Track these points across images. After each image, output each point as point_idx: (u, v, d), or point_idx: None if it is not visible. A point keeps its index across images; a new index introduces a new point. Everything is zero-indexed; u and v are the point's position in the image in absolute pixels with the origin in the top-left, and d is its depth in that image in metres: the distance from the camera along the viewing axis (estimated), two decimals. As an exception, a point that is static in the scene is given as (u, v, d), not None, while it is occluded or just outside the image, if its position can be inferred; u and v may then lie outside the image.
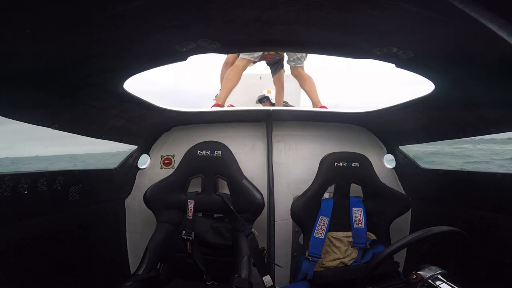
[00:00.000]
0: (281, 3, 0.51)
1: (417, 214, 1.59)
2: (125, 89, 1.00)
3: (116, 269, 1.54)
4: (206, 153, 1.47)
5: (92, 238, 1.37)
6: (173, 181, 1.47)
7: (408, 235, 0.87)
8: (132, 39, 0.64)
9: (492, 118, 1.04)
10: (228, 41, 0.66)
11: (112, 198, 1.56)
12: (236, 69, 1.97)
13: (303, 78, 2.04)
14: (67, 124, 1.10)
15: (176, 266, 1.39)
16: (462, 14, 0.40)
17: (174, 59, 0.80)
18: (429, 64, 0.77)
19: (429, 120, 1.29)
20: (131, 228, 1.65)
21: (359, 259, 1.39)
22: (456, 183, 1.37)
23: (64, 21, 0.53)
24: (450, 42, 0.62)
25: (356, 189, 1.53)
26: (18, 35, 0.55)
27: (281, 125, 1.69)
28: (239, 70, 1.96)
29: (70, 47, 0.64)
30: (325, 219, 1.42)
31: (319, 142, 1.73)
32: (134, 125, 1.41)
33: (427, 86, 0.95)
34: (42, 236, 1.08)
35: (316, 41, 0.69)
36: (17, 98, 0.85)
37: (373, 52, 0.68)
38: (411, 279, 0.80)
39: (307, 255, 1.36)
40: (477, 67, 0.73)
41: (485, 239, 1.16)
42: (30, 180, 1.00)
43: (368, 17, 0.54)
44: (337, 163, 1.49)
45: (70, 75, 0.81)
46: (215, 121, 1.70)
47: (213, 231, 1.40)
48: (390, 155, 1.73)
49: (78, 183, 1.25)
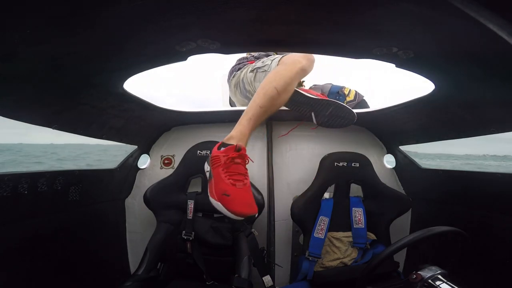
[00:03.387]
0: (281, 3, 0.51)
1: (417, 214, 1.59)
2: (125, 89, 1.00)
3: (116, 269, 1.54)
4: (206, 153, 1.47)
5: (92, 238, 1.37)
6: (173, 181, 1.47)
7: (408, 235, 0.87)
8: (132, 39, 0.64)
9: (492, 118, 1.04)
10: (228, 41, 0.66)
11: (112, 198, 1.56)
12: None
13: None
14: (67, 124, 1.10)
15: (176, 266, 1.39)
16: (462, 14, 0.40)
17: (174, 59, 0.80)
18: (429, 64, 0.77)
19: (429, 120, 1.29)
20: (131, 228, 1.66)
21: (359, 259, 1.40)
22: (456, 183, 1.37)
23: (64, 21, 0.53)
24: (450, 42, 0.62)
25: (356, 189, 1.53)
26: (18, 35, 0.55)
27: (281, 125, 1.69)
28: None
29: (70, 47, 0.64)
30: (325, 219, 1.42)
31: (319, 142, 1.73)
32: (134, 125, 1.41)
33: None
34: (42, 236, 1.08)
35: (316, 41, 0.69)
36: (17, 98, 0.85)
37: (373, 52, 0.68)
38: (411, 279, 0.80)
39: (307, 255, 1.36)
40: (477, 67, 0.73)
41: (485, 239, 1.16)
42: (30, 180, 1.00)
43: (368, 17, 0.54)
44: (337, 163, 1.49)
45: (70, 75, 0.81)
46: (215, 121, 1.70)
47: (213, 231, 1.40)
48: (390, 155, 1.74)
49: (78, 183, 1.25)
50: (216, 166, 0.87)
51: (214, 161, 0.88)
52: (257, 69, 1.35)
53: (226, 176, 0.84)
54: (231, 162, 0.85)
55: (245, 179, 0.87)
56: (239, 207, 0.82)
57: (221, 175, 0.84)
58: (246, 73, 1.42)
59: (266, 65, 1.31)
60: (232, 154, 0.85)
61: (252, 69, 1.40)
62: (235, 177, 0.84)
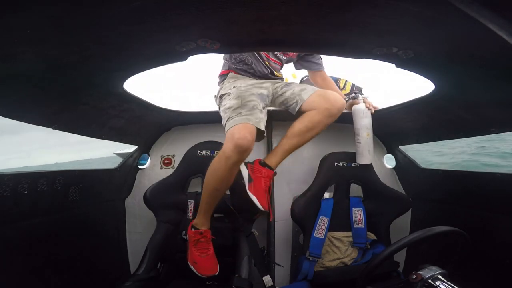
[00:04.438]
0: (281, 3, 0.51)
1: (417, 214, 1.59)
2: (125, 89, 1.00)
3: (116, 269, 1.54)
4: (206, 153, 1.47)
5: (92, 238, 1.37)
6: (173, 181, 1.47)
7: (408, 235, 0.87)
8: (132, 39, 0.64)
9: (492, 118, 1.04)
10: (228, 41, 0.66)
11: (112, 198, 1.56)
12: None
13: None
14: (67, 124, 1.10)
15: (176, 266, 1.39)
16: (462, 14, 0.40)
17: (174, 59, 0.80)
18: (429, 64, 0.77)
19: (429, 120, 1.29)
20: (131, 228, 1.65)
21: (359, 259, 1.40)
22: (456, 183, 1.37)
23: (64, 21, 0.53)
24: (450, 42, 0.62)
25: (356, 189, 1.53)
26: (18, 35, 0.55)
27: (281, 125, 1.68)
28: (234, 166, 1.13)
29: (70, 47, 0.64)
30: (325, 219, 1.42)
31: (319, 142, 1.73)
32: (134, 125, 1.41)
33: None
34: (42, 236, 1.08)
35: (316, 41, 0.69)
36: (17, 98, 0.85)
37: (373, 52, 0.68)
38: (411, 279, 0.80)
39: (307, 255, 1.36)
40: (477, 67, 0.73)
41: (485, 239, 1.15)
42: (30, 180, 1.00)
43: (368, 17, 0.54)
44: (337, 163, 1.49)
45: (70, 75, 0.81)
46: (215, 121, 1.70)
47: (213, 231, 1.40)
48: (390, 155, 1.73)
49: (78, 183, 1.25)
50: (189, 242, 1.25)
51: (189, 239, 1.26)
52: (220, 96, 1.33)
53: (194, 249, 1.23)
54: (198, 241, 1.23)
55: (208, 251, 1.24)
56: (204, 271, 1.20)
57: (192, 249, 1.24)
58: (217, 96, 1.39)
59: (227, 93, 1.29)
60: (197, 237, 1.23)
61: (215, 95, 1.40)
62: (201, 250, 1.23)
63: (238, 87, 1.29)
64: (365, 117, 1.38)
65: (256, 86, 1.31)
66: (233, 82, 1.35)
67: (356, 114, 1.40)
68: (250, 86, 1.30)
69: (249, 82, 1.34)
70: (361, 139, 1.41)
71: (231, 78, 1.38)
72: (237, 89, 1.27)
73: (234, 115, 1.15)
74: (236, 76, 1.39)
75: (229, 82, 1.36)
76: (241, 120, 1.11)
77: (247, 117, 1.12)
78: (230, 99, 1.23)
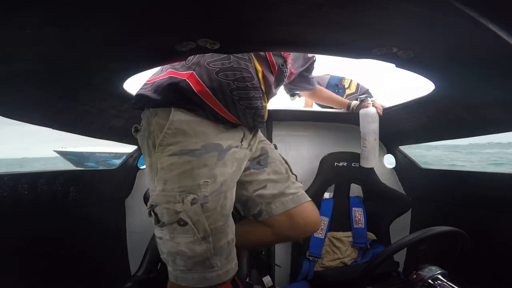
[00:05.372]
0: (281, 4, 0.51)
1: (417, 214, 1.59)
2: (125, 89, 1.00)
3: (116, 270, 1.54)
4: None
5: (92, 238, 1.37)
6: None
7: (408, 235, 0.87)
8: (131, 39, 0.64)
9: (492, 118, 1.04)
10: (228, 41, 0.66)
11: (112, 198, 1.56)
12: None
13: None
14: (67, 124, 1.10)
15: (176, 266, 1.39)
16: (462, 14, 0.40)
17: (174, 59, 0.80)
18: (429, 64, 0.77)
19: (429, 120, 1.29)
20: (131, 228, 1.65)
21: (359, 259, 1.40)
22: (456, 183, 1.37)
23: (63, 21, 0.53)
24: (450, 42, 0.62)
25: (356, 189, 1.53)
26: (18, 35, 0.55)
27: (281, 125, 1.68)
28: None
29: (69, 47, 0.64)
30: (325, 219, 1.42)
31: (319, 142, 1.73)
32: (134, 125, 1.41)
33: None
34: (42, 236, 1.08)
35: (316, 41, 0.69)
36: (17, 98, 0.85)
37: (373, 52, 0.68)
38: (411, 279, 0.80)
39: (307, 255, 1.36)
40: (477, 67, 0.73)
41: (485, 239, 1.15)
42: (30, 180, 1.00)
43: (368, 17, 0.54)
44: (337, 163, 1.49)
45: (70, 75, 0.81)
46: None
47: (213, 231, 1.39)
48: (390, 155, 1.73)
49: (78, 183, 1.25)
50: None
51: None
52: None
53: None
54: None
55: None
56: None
57: None
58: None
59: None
60: None
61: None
62: None
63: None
64: (373, 122, 1.35)
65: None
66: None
67: (365, 118, 1.37)
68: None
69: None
70: (368, 143, 1.38)
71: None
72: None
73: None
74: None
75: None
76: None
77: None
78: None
